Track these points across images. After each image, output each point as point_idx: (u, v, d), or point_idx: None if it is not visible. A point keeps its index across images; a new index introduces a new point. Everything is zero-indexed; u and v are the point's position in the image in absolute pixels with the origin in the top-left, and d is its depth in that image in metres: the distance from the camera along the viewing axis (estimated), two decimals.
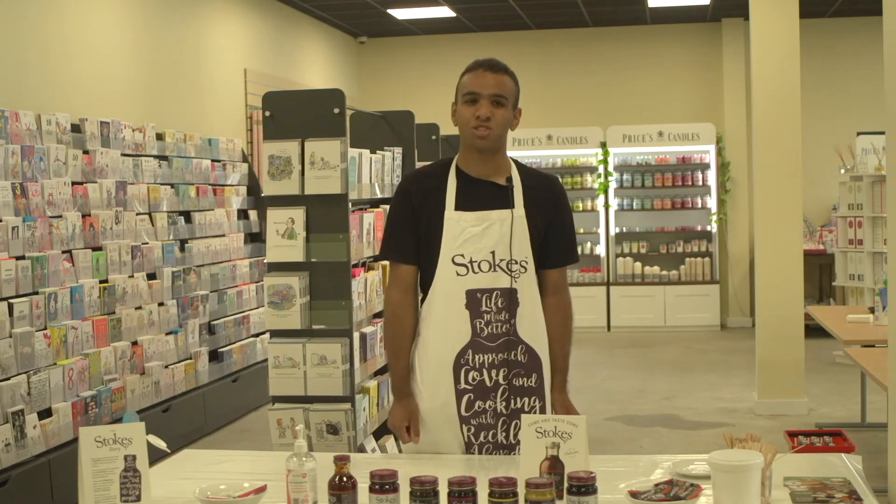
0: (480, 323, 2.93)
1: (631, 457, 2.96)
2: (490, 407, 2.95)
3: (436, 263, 2.95)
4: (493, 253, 2.94)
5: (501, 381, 2.96)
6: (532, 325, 2.99)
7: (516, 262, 2.95)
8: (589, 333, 11.09)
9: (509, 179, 3.00)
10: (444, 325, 2.96)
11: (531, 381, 2.99)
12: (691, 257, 11.66)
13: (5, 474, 4.85)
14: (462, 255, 2.93)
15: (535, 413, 2.97)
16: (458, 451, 2.97)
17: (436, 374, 2.97)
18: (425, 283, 3.02)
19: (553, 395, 3.05)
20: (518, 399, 2.98)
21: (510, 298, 2.94)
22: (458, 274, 2.93)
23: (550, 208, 3.04)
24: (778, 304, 7.22)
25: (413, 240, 3.00)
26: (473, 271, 2.93)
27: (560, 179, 3.22)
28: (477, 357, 2.94)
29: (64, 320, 5.50)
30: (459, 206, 2.96)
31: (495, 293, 2.93)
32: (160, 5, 7.67)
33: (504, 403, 2.96)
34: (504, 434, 2.97)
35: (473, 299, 2.93)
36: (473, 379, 2.95)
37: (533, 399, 3.00)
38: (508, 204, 2.96)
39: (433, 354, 2.98)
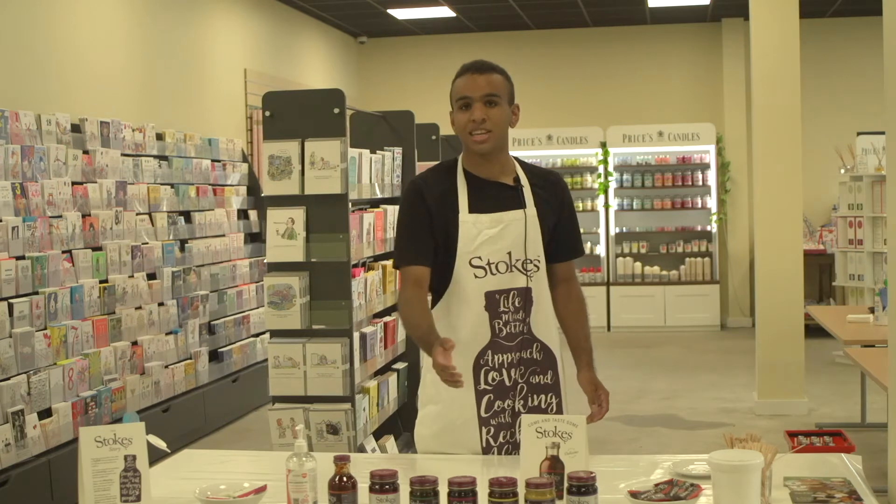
0: (499, 323, 2.93)
1: (631, 457, 2.96)
2: (508, 406, 2.95)
3: (451, 266, 2.93)
4: (509, 254, 2.93)
5: (519, 379, 2.96)
6: (545, 322, 3.00)
7: (530, 261, 2.95)
8: None
9: (517, 180, 3.00)
10: (463, 328, 2.93)
11: (547, 379, 3.00)
12: (691, 257, 11.66)
13: (5, 474, 4.85)
14: (479, 258, 2.92)
15: (551, 409, 2.98)
16: (471, 455, 2.94)
17: None
18: (439, 286, 2.98)
19: (581, 375, 3.02)
20: (535, 397, 2.98)
21: (526, 297, 2.94)
22: (476, 276, 2.92)
23: (557, 206, 3.05)
24: (778, 304, 7.22)
25: (429, 242, 2.95)
26: (492, 273, 2.92)
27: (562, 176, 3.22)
28: (496, 357, 2.93)
29: (64, 320, 5.50)
30: (473, 209, 2.95)
31: (512, 293, 2.93)
32: (160, 5, 7.67)
33: (522, 402, 2.96)
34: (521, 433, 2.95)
35: (492, 300, 2.92)
36: (493, 379, 2.94)
37: (549, 396, 3.00)
38: (520, 204, 2.96)
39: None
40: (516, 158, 3.09)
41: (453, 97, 2.97)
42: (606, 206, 11.77)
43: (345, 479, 2.27)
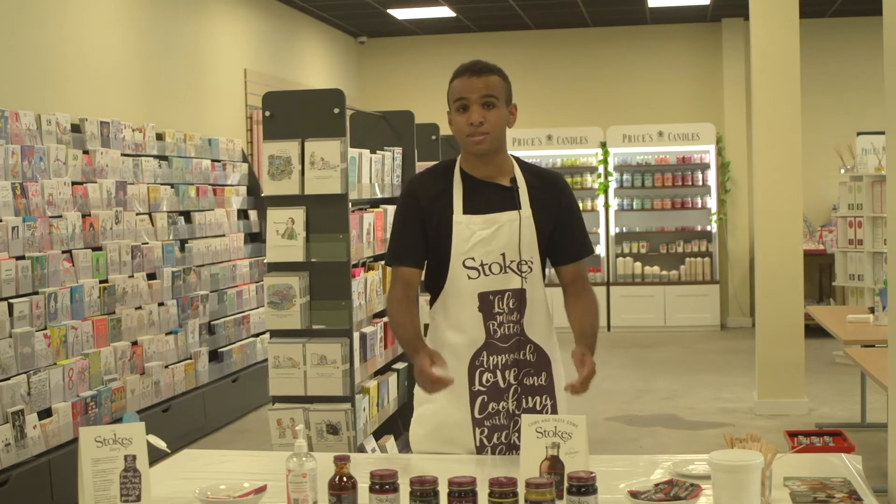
0: (494, 325, 2.93)
1: (631, 457, 2.95)
2: (503, 408, 2.95)
3: (445, 267, 2.94)
4: (503, 255, 2.93)
5: (513, 381, 2.95)
6: (539, 324, 2.99)
7: (525, 263, 2.94)
8: None
9: (513, 180, 2.99)
10: (457, 329, 2.94)
11: (541, 380, 2.99)
12: (691, 257, 11.67)
13: (5, 474, 4.85)
14: (473, 259, 2.92)
15: (546, 411, 2.97)
16: (468, 454, 2.95)
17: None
18: (435, 286, 2.99)
19: (575, 349, 2.91)
20: (529, 398, 2.97)
21: (520, 299, 2.94)
22: (469, 277, 2.92)
23: (556, 206, 3.02)
24: (778, 304, 7.22)
25: (420, 243, 2.98)
26: (485, 274, 2.92)
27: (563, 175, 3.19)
28: (491, 359, 2.94)
29: (64, 320, 5.50)
30: (467, 210, 2.95)
31: (507, 294, 2.93)
32: (160, 5, 7.67)
33: (515, 403, 2.96)
34: (516, 434, 2.93)
35: (486, 301, 2.92)
36: (487, 380, 2.94)
37: (544, 397, 2.99)
38: (515, 205, 2.95)
39: (447, 358, 2.96)
40: (517, 158, 3.08)
41: (450, 98, 2.96)
42: (606, 206, 11.78)
43: (345, 479, 2.27)
